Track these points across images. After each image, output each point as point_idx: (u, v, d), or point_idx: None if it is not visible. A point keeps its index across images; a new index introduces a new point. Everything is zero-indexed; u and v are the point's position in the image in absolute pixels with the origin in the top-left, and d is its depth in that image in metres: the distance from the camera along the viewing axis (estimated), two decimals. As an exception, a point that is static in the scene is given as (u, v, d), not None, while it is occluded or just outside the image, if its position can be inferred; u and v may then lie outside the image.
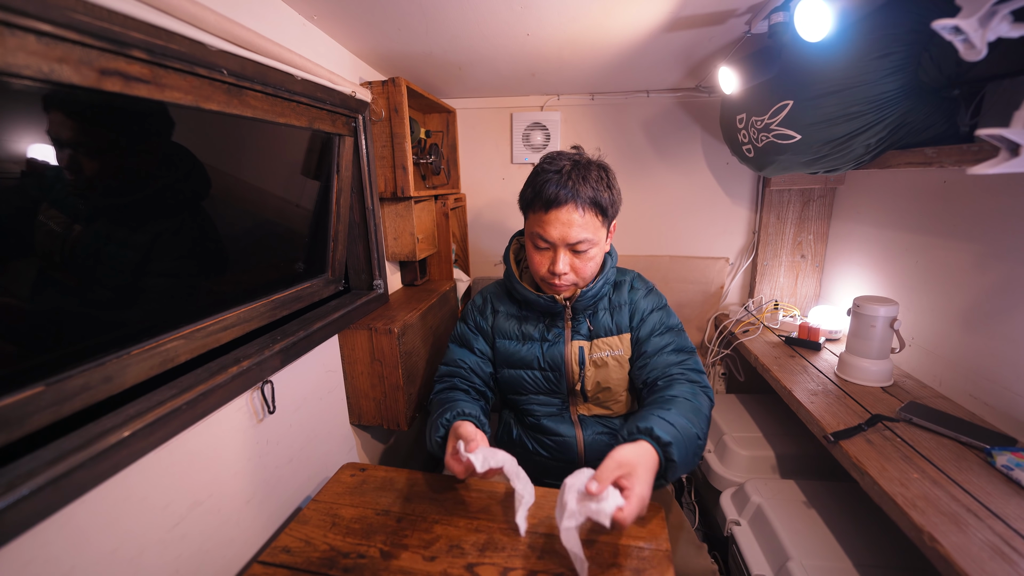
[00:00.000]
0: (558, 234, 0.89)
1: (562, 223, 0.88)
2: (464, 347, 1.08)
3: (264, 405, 0.91)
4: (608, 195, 0.91)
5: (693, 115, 1.71)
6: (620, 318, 1.02)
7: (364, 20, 1.04)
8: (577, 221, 0.88)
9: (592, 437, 1.02)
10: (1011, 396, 0.96)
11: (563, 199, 0.87)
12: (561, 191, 0.87)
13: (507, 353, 1.04)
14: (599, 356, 1.01)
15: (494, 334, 1.07)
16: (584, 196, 0.88)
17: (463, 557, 0.71)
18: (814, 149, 1.08)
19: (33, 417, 0.55)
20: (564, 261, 0.91)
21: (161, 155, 0.77)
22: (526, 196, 0.94)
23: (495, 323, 1.07)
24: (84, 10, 0.54)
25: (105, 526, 0.62)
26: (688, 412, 0.81)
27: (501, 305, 1.08)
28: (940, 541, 0.68)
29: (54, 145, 0.60)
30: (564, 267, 0.92)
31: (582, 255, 0.92)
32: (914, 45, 0.88)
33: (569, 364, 1.00)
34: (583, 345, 1.01)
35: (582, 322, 1.01)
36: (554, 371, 1.01)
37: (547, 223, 0.89)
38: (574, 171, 0.89)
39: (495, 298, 1.10)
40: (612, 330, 1.02)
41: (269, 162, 1.03)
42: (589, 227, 0.90)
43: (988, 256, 1.03)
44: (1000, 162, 0.68)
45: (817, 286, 1.74)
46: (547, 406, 1.04)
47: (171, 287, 0.80)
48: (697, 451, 0.80)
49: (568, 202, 0.87)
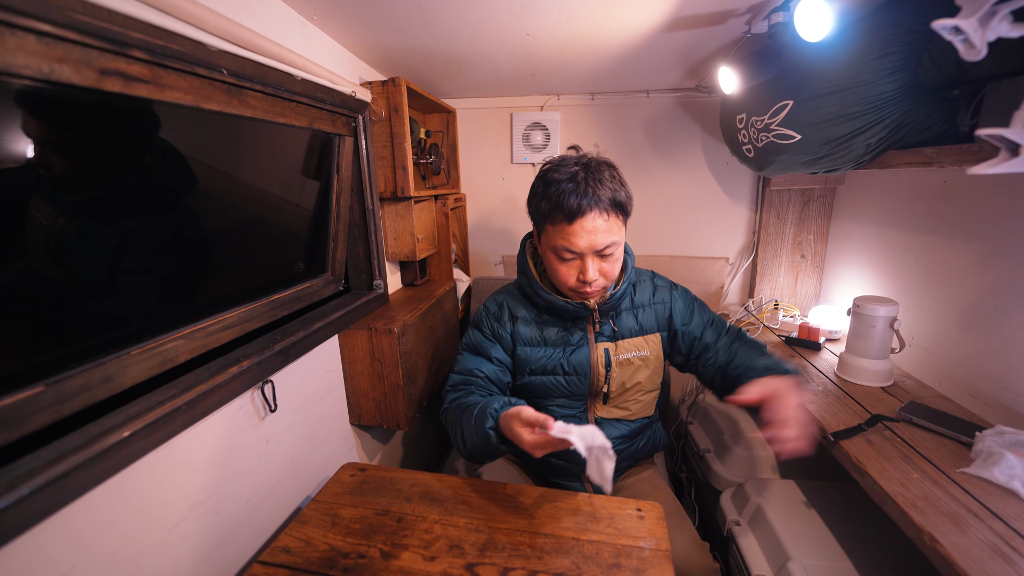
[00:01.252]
0: (586, 243, 0.87)
1: (588, 232, 0.86)
2: (480, 355, 1.03)
3: (264, 405, 0.91)
4: (624, 192, 0.89)
5: (693, 115, 1.71)
6: (645, 319, 1.02)
7: (364, 20, 1.04)
8: (602, 227, 0.86)
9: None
10: (1011, 396, 0.96)
11: (586, 208, 0.84)
12: (583, 200, 0.84)
13: (530, 360, 1.01)
14: (624, 357, 1.00)
15: (514, 341, 1.03)
16: (605, 200, 0.86)
17: (463, 557, 0.71)
18: (814, 149, 1.08)
19: (33, 417, 0.55)
20: (593, 268, 0.89)
21: (145, 152, 0.75)
22: (541, 209, 0.90)
23: (515, 330, 1.02)
24: (84, 10, 0.54)
25: (105, 526, 0.62)
26: (774, 355, 0.98)
27: (519, 311, 1.04)
28: (940, 541, 0.68)
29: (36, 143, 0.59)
30: (594, 274, 0.89)
31: (608, 258, 0.90)
32: (914, 45, 0.88)
33: (595, 367, 0.99)
34: (608, 347, 1.00)
35: (606, 324, 1.00)
36: (579, 375, 0.99)
37: (573, 234, 0.86)
38: (588, 176, 0.86)
39: (512, 304, 1.05)
40: (637, 330, 1.01)
41: (269, 162, 1.03)
42: (614, 229, 0.88)
43: (988, 256, 1.02)
44: (1000, 162, 0.68)
45: (817, 286, 1.74)
46: (567, 409, 1.03)
47: (147, 284, 0.77)
48: None
49: (592, 209, 0.85)
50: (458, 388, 0.99)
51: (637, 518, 0.78)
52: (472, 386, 0.99)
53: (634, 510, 0.80)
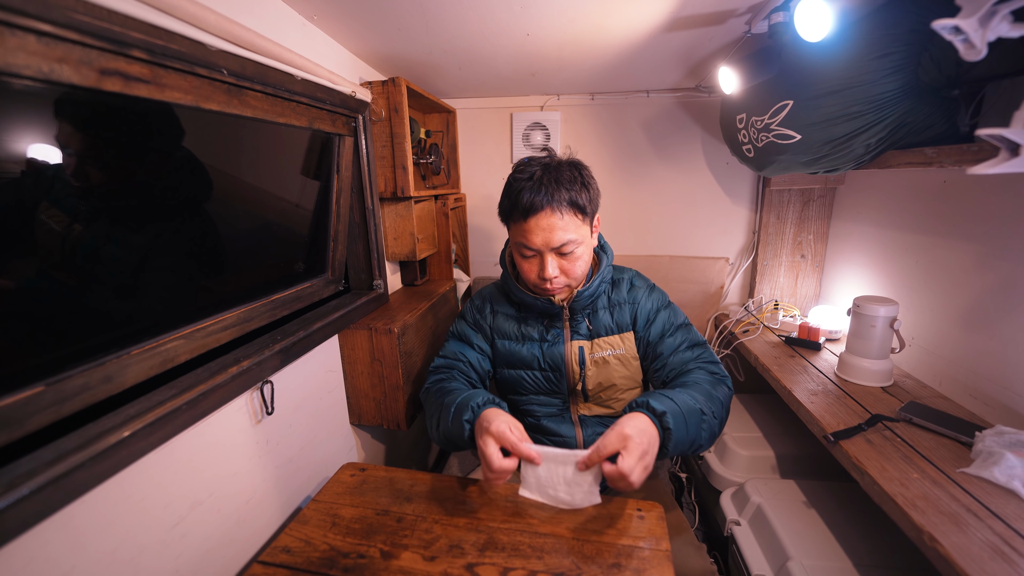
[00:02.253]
0: (541, 240, 0.89)
1: (543, 229, 0.88)
2: (463, 342, 1.08)
3: (264, 405, 0.91)
4: (585, 194, 0.90)
5: (693, 115, 1.71)
6: (621, 316, 1.02)
7: (364, 20, 1.04)
8: (558, 224, 0.88)
9: (592, 437, 1.01)
10: (1011, 396, 0.96)
11: (539, 205, 0.87)
12: (536, 197, 0.87)
13: (507, 353, 1.05)
14: (600, 355, 1.01)
15: (493, 334, 1.07)
16: (560, 199, 0.87)
17: (463, 557, 0.71)
18: (814, 149, 1.08)
19: (33, 417, 0.55)
20: (552, 265, 0.91)
21: (168, 159, 0.77)
22: (504, 207, 0.94)
23: (494, 323, 1.07)
24: (84, 10, 0.54)
25: (105, 526, 0.62)
26: (695, 392, 0.84)
27: (500, 307, 1.08)
28: (940, 541, 0.68)
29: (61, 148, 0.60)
30: (554, 271, 0.91)
31: (569, 256, 0.91)
32: (914, 45, 0.88)
33: (569, 364, 1.00)
34: (583, 345, 1.01)
35: (581, 322, 1.01)
36: (554, 371, 1.01)
37: (528, 231, 0.89)
38: (545, 175, 0.88)
39: (494, 299, 1.10)
40: (612, 329, 1.02)
41: (269, 162, 1.03)
42: (571, 228, 0.89)
43: (988, 256, 1.02)
44: (1000, 162, 0.68)
45: (817, 286, 1.74)
46: (547, 406, 1.04)
47: (170, 286, 0.79)
48: (702, 424, 0.80)
49: (545, 207, 0.87)
50: (440, 371, 1.04)
51: (637, 518, 0.78)
52: (455, 371, 1.03)
53: (634, 510, 0.80)
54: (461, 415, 0.82)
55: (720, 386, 0.90)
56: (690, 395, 0.82)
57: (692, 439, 0.79)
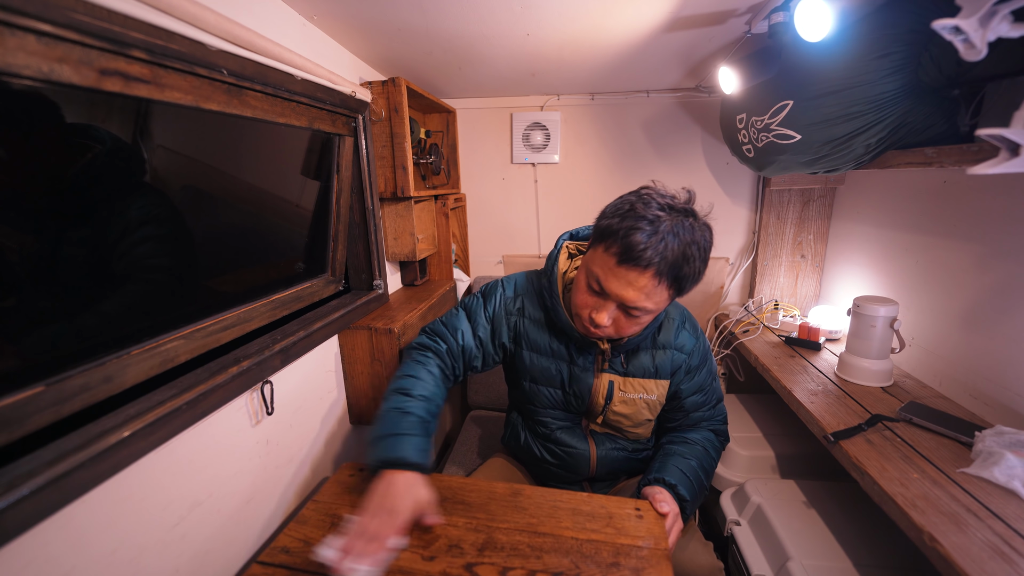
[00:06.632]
0: (617, 291, 0.76)
1: (629, 284, 0.74)
2: (470, 323, 0.97)
3: (264, 405, 0.91)
4: (689, 268, 0.75)
5: (693, 115, 1.71)
6: (662, 361, 0.93)
7: (364, 20, 1.04)
8: (646, 289, 0.74)
9: (605, 452, 0.98)
10: (1011, 396, 0.96)
11: (644, 261, 0.72)
12: (647, 252, 0.71)
13: (534, 367, 0.96)
14: (630, 397, 0.93)
15: (519, 342, 0.96)
16: (669, 271, 0.73)
17: (462, 557, 0.71)
18: (814, 149, 1.08)
19: (33, 417, 0.55)
20: (609, 316, 0.79)
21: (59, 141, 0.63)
22: (603, 228, 0.78)
23: (524, 330, 0.96)
24: (84, 10, 0.54)
25: (105, 526, 0.62)
26: (704, 461, 0.94)
27: (533, 310, 0.96)
28: (940, 541, 0.68)
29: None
30: (607, 321, 0.79)
31: (632, 319, 0.79)
32: (914, 45, 0.88)
33: (595, 396, 0.93)
34: (614, 380, 0.92)
35: (617, 356, 0.92)
36: (577, 398, 0.94)
37: (612, 275, 0.75)
38: (672, 231, 0.73)
39: (528, 300, 0.97)
40: (651, 372, 0.93)
41: (269, 162, 1.03)
42: (655, 297, 0.76)
43: (988, 256, 1.02)
44: (1000, 162, 0.68)
45: (817, 286, 1.74)
46: (560, 420, 0.99)
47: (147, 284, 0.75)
48: (704, 488, 0.93)
49: (649, 268, 0.72)
50: (434, 338, 0.96)
51: (636, 517, 0.78)
52: (445, 347, 0.95)
53: (633, 509, 0.80)
54: (398, 443, 0.76)
55: (721, 444, 1.01)
56: (701, 467, 0.92)
57: (696, 503, 0.91)
